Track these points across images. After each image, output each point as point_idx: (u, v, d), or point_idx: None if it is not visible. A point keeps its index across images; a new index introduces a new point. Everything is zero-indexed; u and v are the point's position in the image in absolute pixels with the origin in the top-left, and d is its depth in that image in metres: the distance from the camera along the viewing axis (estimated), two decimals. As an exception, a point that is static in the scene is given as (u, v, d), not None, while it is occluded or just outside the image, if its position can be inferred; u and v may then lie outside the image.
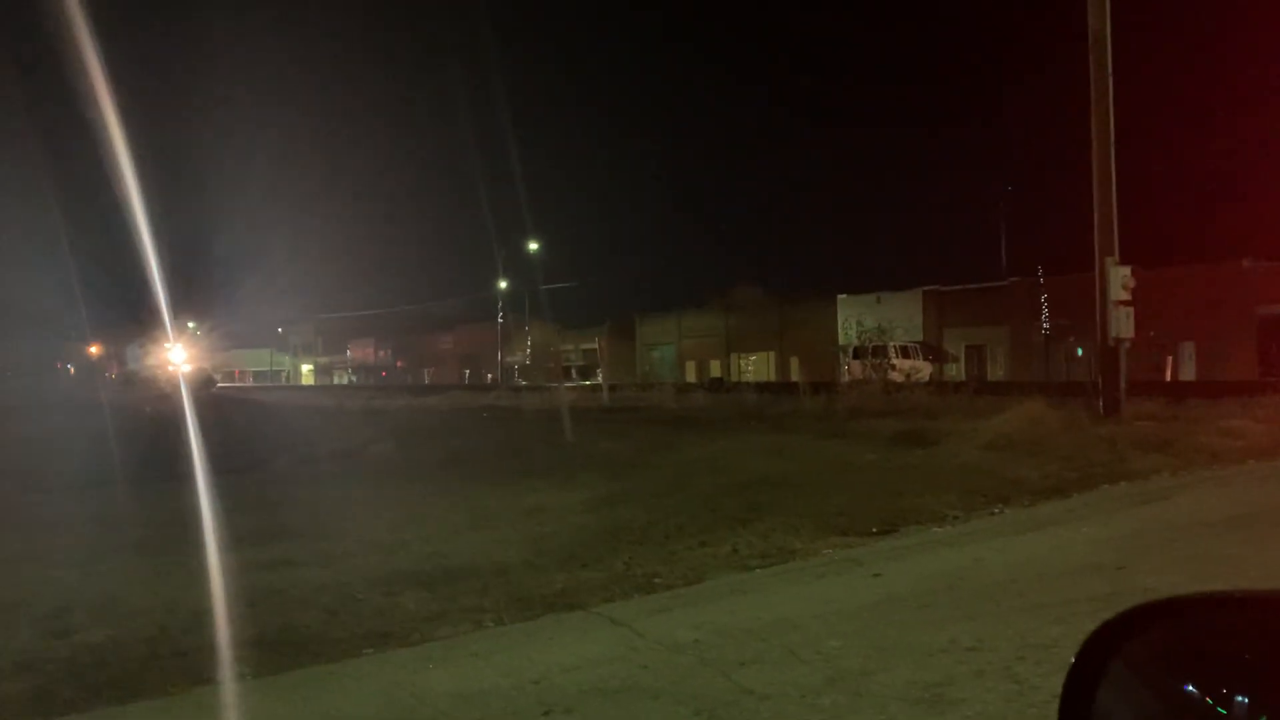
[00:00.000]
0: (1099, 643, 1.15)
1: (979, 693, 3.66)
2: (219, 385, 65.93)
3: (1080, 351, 34.22)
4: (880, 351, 32.01)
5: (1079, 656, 1.15)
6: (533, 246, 61.01)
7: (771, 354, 54.01)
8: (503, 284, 65.90)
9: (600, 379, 41.09)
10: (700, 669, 4.22)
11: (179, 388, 45.07)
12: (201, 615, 5.58)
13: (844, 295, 48.31)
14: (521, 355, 66.10)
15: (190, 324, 74.33)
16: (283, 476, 12.25)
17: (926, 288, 45.83)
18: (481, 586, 6.15)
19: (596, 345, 62.15)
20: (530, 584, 6.19)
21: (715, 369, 55.86)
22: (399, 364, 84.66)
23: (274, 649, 4.87)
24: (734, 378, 49.63)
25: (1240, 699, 1.05)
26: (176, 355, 60.56)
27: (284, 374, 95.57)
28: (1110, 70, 14.43)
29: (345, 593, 6.09)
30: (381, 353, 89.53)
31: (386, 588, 6.19)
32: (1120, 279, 14.36)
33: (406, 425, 23.46)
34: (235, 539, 7.97)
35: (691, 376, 53.79)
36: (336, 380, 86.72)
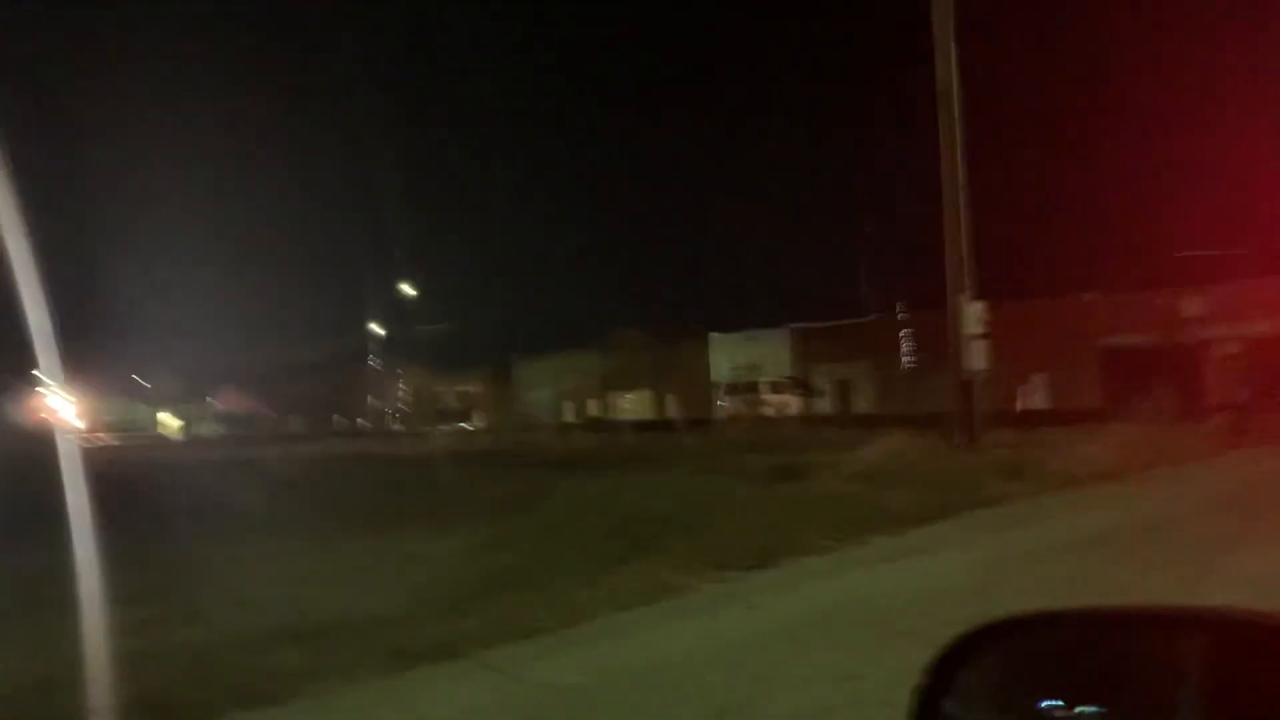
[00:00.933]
0: (950, 656, 1.21)
1: (858, 718, 3.76)
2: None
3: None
4: (752, 388, 32.67)
5: (929, 669, 1.21)
6: (404, 289, 60.18)
7: (649, 392, 54.43)
8: (375, 327, 64.69)
9: (477, 422, 40.66)
10: (584, 712, 4.21)
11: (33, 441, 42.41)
12: (50, 683, 5.24)
13: (716, 334, 49.19)
14: (396, 400, 64.82)
15: (34, 372, 70.14)
16: (139, 534, 11.63)
17: (794, 325, 47.05)
18: (357, 639, 5.96)
19: (473, 388, 61.47)
20: (407, 635, 6.04)
21: (594, 409, 55.94)
22: (266, 411, 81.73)
23: (132, 716, 4.61)
24: (612, 416, 49.78)
25: (1086, 706, 1.12)
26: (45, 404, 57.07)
27: (141, 426, 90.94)
28: (958, 120, 15.26)
29: (212, 653, 5.81)
30: (248, 400, 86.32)
31: (256, 646, 5.93)
32: (974, 314, 15.09)
33: (276, 475, 22.64)
34: (88, 601, 7.52)
35: (570, 417, 53.73)
36: (198, 431, 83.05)
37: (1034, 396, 34.89)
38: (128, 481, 19.99)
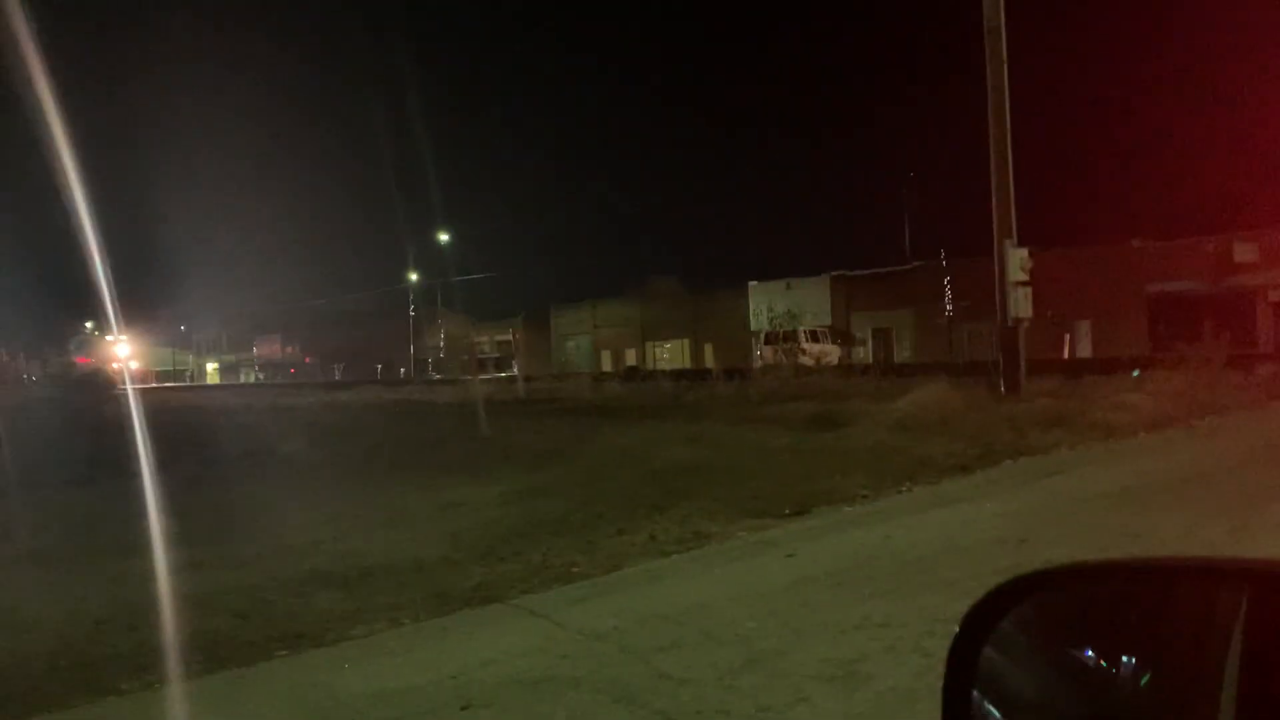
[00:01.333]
0: (986, 608, 1.20)
1: (890, 668, 3.76)
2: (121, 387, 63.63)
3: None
4: (791, 337, 32.51)
5: (966, 620, 1.20)
6: (444, 238, 60.34)
7: (686, 342, 54.40)
8: (414, 276, 65.04)
9: (515, 370, 40.88)
10: (619, 656, 4.25)
11: (84, 388, 43.52)
12: (105, 624, 5.40)
13: (755, 282, 48.93)
14: (435, 348, 65.32)
15: (88, 325, 71.57)
16: (189, 479, 11.89)
17: (834, 273, 46.68)
18: (398, 584, 6.08)
19: (511, 337, 61.78)
20: (447, 579, 6.14)
21: (631, 358, 56.06)
22: (307, 360, 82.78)
23: (183, 656, 4.74)
24: (649, 366, 49.87)
25: (1127, 658, 1.11)
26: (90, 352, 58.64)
27: (188, 373, 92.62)
28: (1005, 60, 14.88)
29: (257, 595, 5.95)
30: (289, 349, 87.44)
31: (300, 589, 6.07)
32: (1018, 261, 14.84)
33: (317, 423, 22.98)
34: (140, 545, 7.72)
35: (607, 366, 53.90)
36: (244, 378, 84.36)
37: (1080, 344, 34.38)
38: (176, 428, 20.40)
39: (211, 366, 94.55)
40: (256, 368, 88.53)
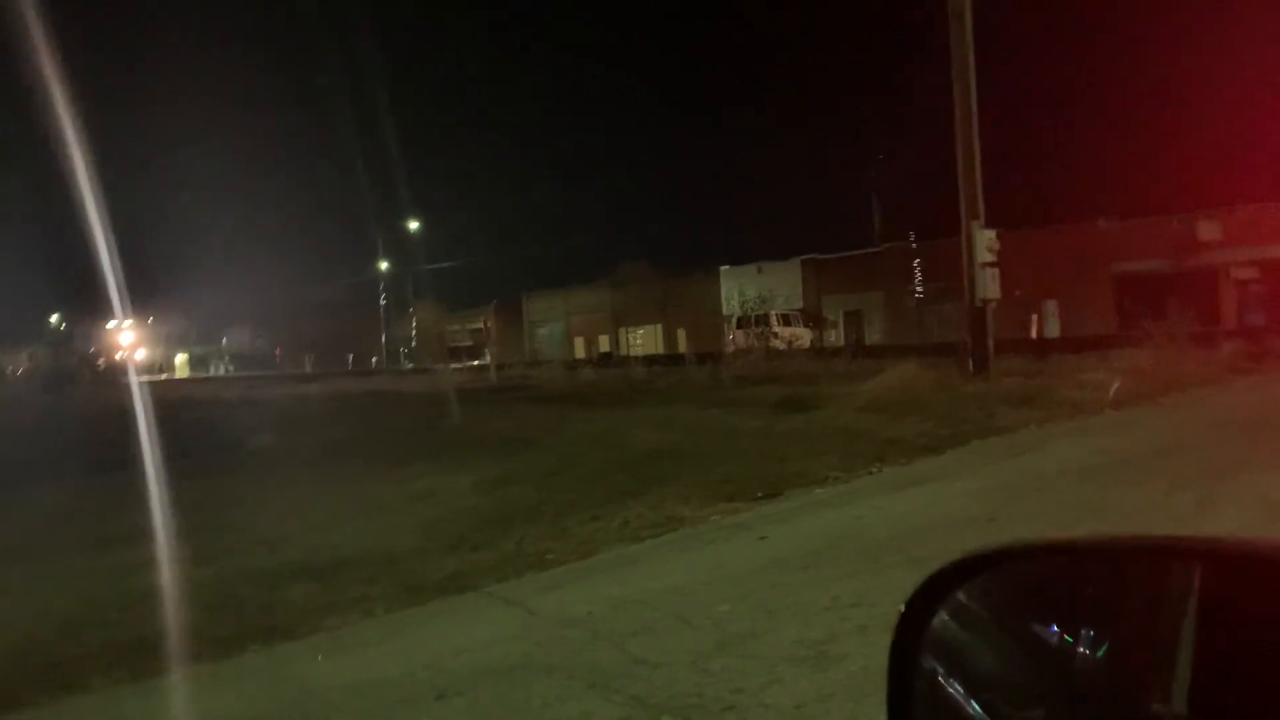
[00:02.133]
0: (941, 578, 1.22)
1: (861, 648, 3.80)
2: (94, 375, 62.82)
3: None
4: (762, 320, 32.60)
5: (918, 590, 1.21)
6: (414, 226, 59.96)
7: (659, 327, 54.43)
8: (384, 265, 64.56)
9: (488, 358, 40.75)
10: (594, 642, 4.26)
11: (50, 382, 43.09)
12: (75, 621, 5.35)
13: (726, 266, 49.02)
14: (406, 338, 64.94)
15: (54, 318, 70.71)
16: (156, 473, 11.77)
17: (805, 257, 46.84)
18: (370, 575, 6.06)
19: (483, 325, 61.51)
20: (420, 569, 6.13)
21: (603, 344, 56.01)
22: (277, 351, 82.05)
23: (153, 652, 4.70)
24: (623, 352, 49.87)
25: (1085, 631, 1.13)
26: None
27: (157, 366, 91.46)
28: (971, 44, 14.94)
29: (228, 589, 5.91)
30: (259, 340, 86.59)
31: (272, 582, 6.03)
32: (985, 241, 14.94)
33: (288, 414, 22.82)
34: (107, 540, 7.64)
35: (580, 352, 53.81)
36: (213, 370, 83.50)
37: (1048, 324, 34.72)
38: (145, 420, 20.17)
39: (180, 359, 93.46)
40: (226, 359, 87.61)
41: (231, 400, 30.60)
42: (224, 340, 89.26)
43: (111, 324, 59.10)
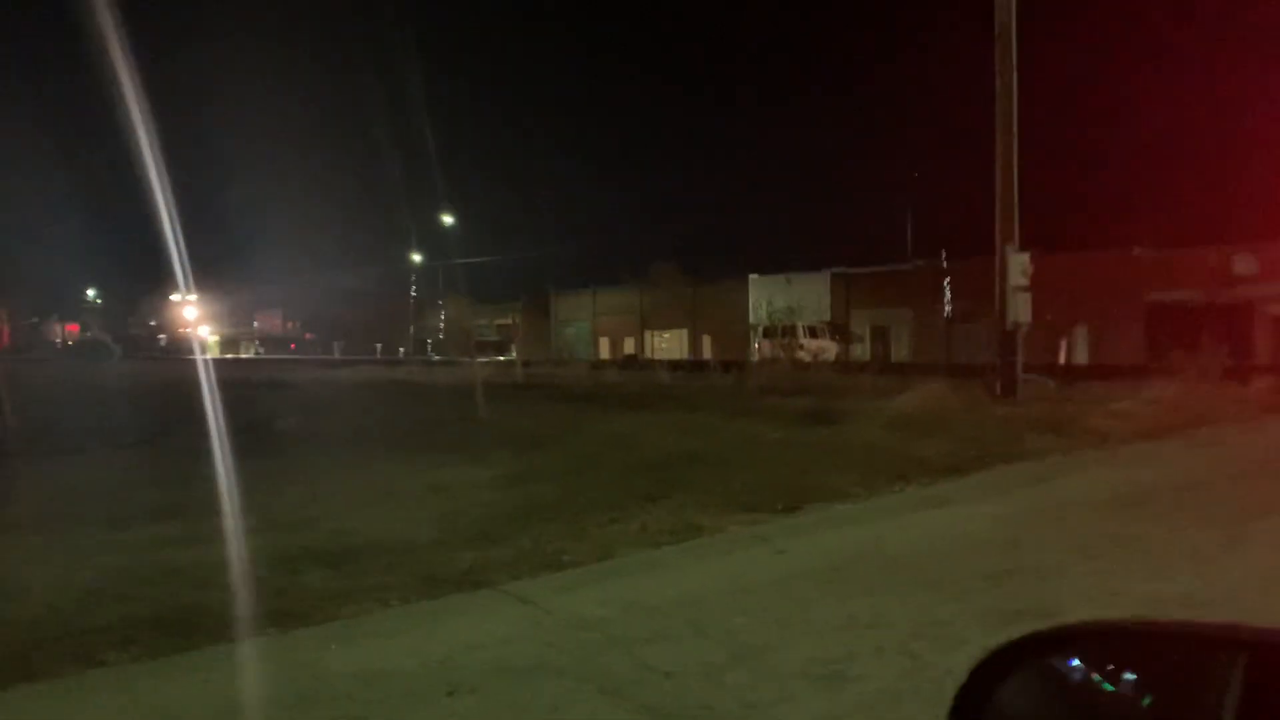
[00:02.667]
0: (984, 671, 1.19)
1: (877, 669, 3.76)
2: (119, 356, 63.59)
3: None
4: (789, 331, 32.49)
5: (964, 685, 1.19)
6: (448, 220, 60.20)
7: (685, 332, 54.38)
8: (416, 257, 64.93)
9: (514, 354, 40.86)
10: (606, 647, 4.25)
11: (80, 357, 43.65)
12: (93, 595, 5.39)
13: (755, 275, 48.87)
14: (435, 329, 65.25)
15: (89, 293, 71.56)
16: (180, 451, 11.86)
17: (835, 269, 46.66)
18: (387, 565, 6.07)
19: (511, 320, 61.68)
20: (438, 562, 6.14)
21: (629, 346, 56.01)
22: (308, 336, 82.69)
23: (170, 630, 4.73)
24: (648, 355, 49.85)
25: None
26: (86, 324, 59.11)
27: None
28: (1015, 64, 14.84)
29: (246, 571, 5.95)
30: (290, 325, 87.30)
31: (289, 566, 6.06)
32: (1019, 265, 14.83)
33: (314, 399, 22.98)
34: (128, 516, 7.71)
35: (605, 353, 53.86)
36: (243, 353, 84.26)
37: (1077, 350, 34.38)
38: (171, 400, 20.37)
39: (211, 340, 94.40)
40: (256, 342, 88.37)
41: (260, 383, 30.84)
42: (254, 323, 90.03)
43: (175, 297, 59.75)
